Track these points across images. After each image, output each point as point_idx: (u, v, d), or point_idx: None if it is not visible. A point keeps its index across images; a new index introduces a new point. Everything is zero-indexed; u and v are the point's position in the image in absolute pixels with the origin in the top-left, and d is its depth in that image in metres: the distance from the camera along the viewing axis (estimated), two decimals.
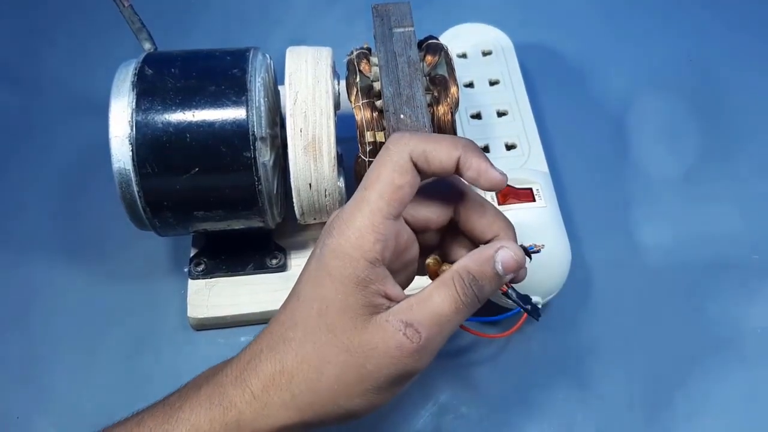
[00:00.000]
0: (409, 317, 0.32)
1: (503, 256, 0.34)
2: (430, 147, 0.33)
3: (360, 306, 0.32)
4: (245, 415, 0.33)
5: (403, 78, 0.42)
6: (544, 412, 0.45)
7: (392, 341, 0.32)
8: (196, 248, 0.50)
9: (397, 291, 0.34)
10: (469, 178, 0.34)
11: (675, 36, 0.66)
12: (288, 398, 0.33)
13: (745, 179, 0.56)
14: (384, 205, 0.33)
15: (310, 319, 0.33)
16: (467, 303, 0.33)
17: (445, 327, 0.33)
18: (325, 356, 0.32)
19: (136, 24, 0.46)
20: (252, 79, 0.43)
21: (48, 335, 0.48)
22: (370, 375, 0.32)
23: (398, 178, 0.33)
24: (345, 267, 0.32)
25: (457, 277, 0.33)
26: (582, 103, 0.61)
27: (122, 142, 0.41)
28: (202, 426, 0.33)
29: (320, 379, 0.32)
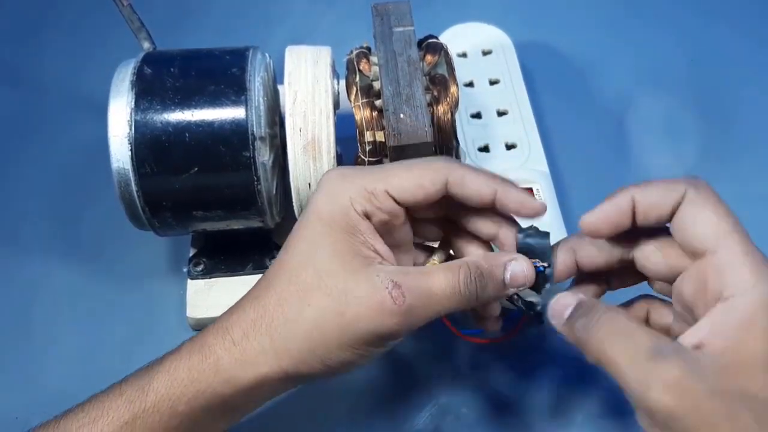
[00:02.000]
0: (400, 280, 0.32)
1: (515, 268, 0.33)
2: (469, 173, 0.34)
3: (349, 252, 0.32)
4: (224, 361, 0.33)
5: (402, 77, 0.42)
6: (544, 412, 0.44)
7: (375, 296, 0.31)
8: (195, 248, 0.50)
9: (386, 250, 0.34)
10: (511, 210, 0.34)
11: (675, 36, 0.66)
12: (266, 342, 0.32)
13: (746, 180, 0.56)
14: (396, 185, 0.33)
15: (297, 263, 0.33)
16: (464, 294, 0.32)
17: (432, 305, 0.32)
18: (307, 298, 0.32)
19: (135, 23, 0.46)
20: (251, 79, 0.43)
21: (47, 335, 0.48)
22: (348, 325, 0.32)
23: (426, 181, 0.33)
24: (335, 212, 0.33)
25: (465, 267, 0.33)
26: (582, 102, 0.61)
27: (121, 141, 0.41)
28: (181, 374, 0.33)
29: (298, 321, 0.32)
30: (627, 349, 0.28)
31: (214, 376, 0.33)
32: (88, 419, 0.33)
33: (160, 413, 0.33)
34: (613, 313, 0.31)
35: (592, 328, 0.30)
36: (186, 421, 0.33)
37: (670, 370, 0.27)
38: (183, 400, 0.33)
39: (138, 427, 0.32)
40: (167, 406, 0.33)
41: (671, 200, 0.31)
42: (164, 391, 0.33)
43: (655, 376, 0.27)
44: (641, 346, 0.28)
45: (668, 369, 0.27)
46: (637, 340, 0.28)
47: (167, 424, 0.33)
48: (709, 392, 0.27)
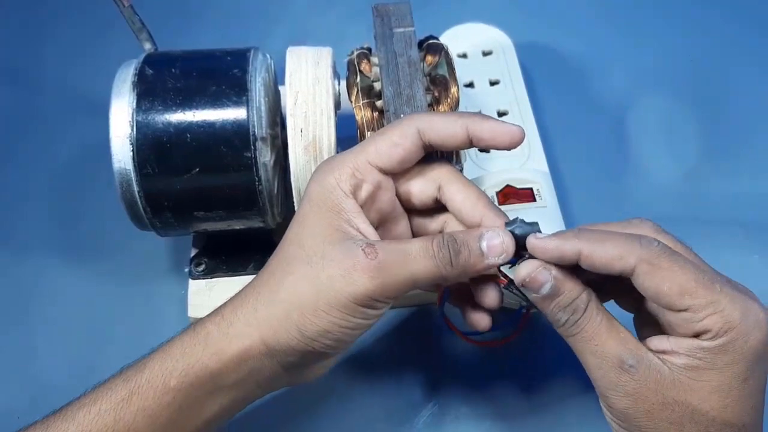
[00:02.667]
0: (374, 241, 0.33)
1: (491, 238, 0.33)
2: (436, 118, 0.35)
3: (331, 227, 0.34)
4: (212, 334, 0.34)
5: (403, 78, 0.42)
6: (544, 412, 0.45)
7: (349, 254, 0.32)
8: (196, 248, 0.50)
9: (370, 229, 0.34)
10: (486, 142, 0.35)
11: (676, 35, 0.66)
12: (251, 314, 0.34)
13: (746, 179, 0.56)
14: (373, 152, 0.35)
15: (287, 240, 0.35)
16: (437, 256, 0.33)
17: (407, 264, 0.33)
18: (290, 267, 0.34)
19: (137, 24, 0.46)
20: (252, 79, 0.43)
21: (48, 335, 0.48)
22: (322, 286, 0.32)
23: (397, 138, 0.35)
24: (322, 193, 0.34)
25: (439, 235, 0.34)
26: (583, 102, 0.61)
27: (123, 142, 0.41)
28: (174, 350, 0.34)
29: (279, 290, 0.34)
30: (596, 356, 0.32)
31: (203, 349, 0.34)
32: (89, 400, 0.34)
33: (153, 388, 0.33)
34: (589, 315, 0.32)
35: (572, 327, 0.33)
36: (178, 396, 0.34)
37: (629, 382, 0.31)
38: (174, 374, 0.33)
39: (133, 403, 0.33)
40: (160, 381, 0.33)
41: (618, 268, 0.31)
42: (158, 367, 0.34)
43: (616, 383, 0.31)
44: (608, 355, 0.32)
45: (628, 381, 0.31)
46: (605, 348, 0.32)
47: (160, 400, 0.33)
48: (662, 402, 0.31)
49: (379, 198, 0.35)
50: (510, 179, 0.48)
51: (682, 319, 0.31)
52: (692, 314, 0.30)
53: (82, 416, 0.33)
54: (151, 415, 0.33)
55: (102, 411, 0.33)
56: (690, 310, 0.31)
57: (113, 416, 0.33)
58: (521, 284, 0.33)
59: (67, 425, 0.33)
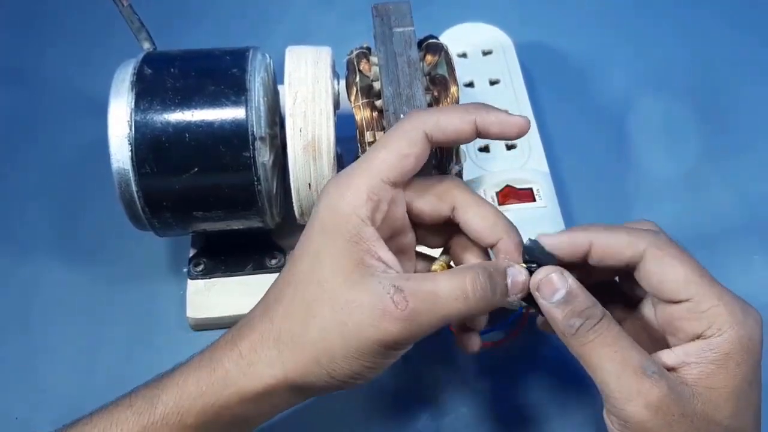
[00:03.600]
0: (402, 284, 0.31)
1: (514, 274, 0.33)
2: (443, 116, 0.34)
3: (352, 263, 0.32)
4: (231, 373, 0.33)
5: (403, 78, 0.42)
6: (544, 412, 0.44)
7: (377, 302, 0.31)
8: (195, 248, 0.50)
9: (391, 257, 0.33)
10: (495, 134, 0.34)
11: (676, 36, 0.66)
12: (274, 355, 0.33)
13: (746, 180, 0.56)
14: (385, 169, 0.33)
15: (303, 275, 0.33)
16: (474, 297, 0.32)
17: (438, 309, 0.32)
18: (312, 310, 0.32)
19: (135, 24, 0.46)
20: (251, 79, 0.43)
21: (47, 335, 0.48)
22: (351, 334, 0.31)
23: (405, 148, 0.33)
24: (337, 222, 0.32)
25: (471, 270, 0.32)
26: (583, 102, 0.61)
27: (121, 141, 0.41)
28: (189, 387, 0.33)
29: (304, 333, 0.32)
30: (616, 362, 0.30)
31: (223, 389, 0.33)
32: (96, 431, 0.33)
33: (168, 426, 0.33)
34: (607, 322, 0.31)
35: (587, 333, 0.31)
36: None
37: (652, 389, 0.30)
38: (192, 413, 0.33)
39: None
40: (176, 420, 0.33)
41: (628, 254, 0.32)
42: (173, 404, 0.33)
43: (637, 391, 0.30)
44: (630, 361, 0.30)
45: (651, 388, 0.30)
46: (626, 354, 0.30)
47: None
48: (682, 414, 0.30)
49: (393, 215, 0.34)
50: (510, 179, 0.48)
51: (685, 310, 0.31)
52: (695, 304, 0.30)
53: None
54: None
55: None
56: (693, 300, 0.30)
57: None
58: (535, 289, 0.33)
59: None
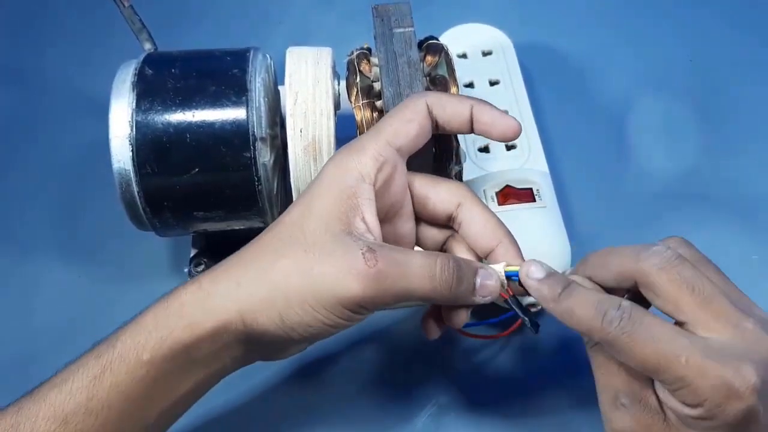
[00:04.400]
0: (376, 247, 0.32)
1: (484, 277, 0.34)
2: (445, 97, 0.36)
3: (338, 214, 0.33)
4: (187, 305, 0.33)
5: (403, 78, 0.42)
6: (544, 412, 0.45)
7: (347, 256, 0.32)
8: (196, 248, 0.50)
9: (375, 222, 0.33)
10: (483, 126, 0.36)
11: (676, 36, 0.66)
12: (232, 288, 0.33)
13: (746, 179, 0.56)
14: (391, 133, 0.35)
15: (289, 219, 0.34)
16: (438, 279, 0.32)
17: (404, 280, 0.32)
18: (284, 250, 0.33)
19: (137, 24, 0.46)
20: (252, 80, 0.43)
21: (47, 335, 0.48)
22: (313, 282, 0.32)
23: (410, 115, 0.35)
24: (338, 174, 0.34)
25: (443, 256, 0.33)
26: (582, 103, 0.61)
27: (122, 142, 0.41)
28: (145, 321, 0.33)
29: (268, 270, 0.33)
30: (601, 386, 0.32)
31: (177, 320, 0.33)
32: (60, 380, 0.33)
33: (126, 363, 0.32)
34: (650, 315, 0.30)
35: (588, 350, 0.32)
36: (152, 370, 0.33)
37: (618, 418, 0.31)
38: (147, 347, 0.33)
39: (106, 379, 0.32)
40: (133, 355, 0.33)
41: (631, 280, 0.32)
42: (130, 341, 0.33)
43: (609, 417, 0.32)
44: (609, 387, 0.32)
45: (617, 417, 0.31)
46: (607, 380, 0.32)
47: (134, 374, 0.32)
48: None
49: (394, 182, 0.35)
50: (510, 179, 0.48)
51: None
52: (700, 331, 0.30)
53: (54, 396, 0.32)
54: (125, 390, 0.32)
55: (74, 390, 0.32)
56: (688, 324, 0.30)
57: (86, 394, 0.32)
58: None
59: (38, 406, 0.32)
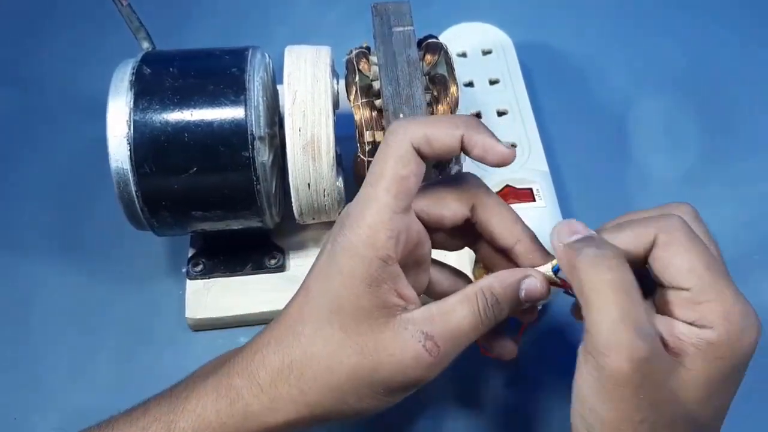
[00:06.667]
0: (430, 329, 0.32)
1: (529, 284, 0.34)
2: (430, 131, 0.33)
3: (374, 307, 0.32)
4: (253, 407, 0.33)
5: (402, 77, 0.42)
6: (545, 414, 0.44)
7: (410, 351, 0.32)
8: (194, 248, 0.50)
9: (410, 292, 0.33)
10: (476, 156, 0.33)
11: (675, 36, 0.65)
12: (296, 393, 0.33)
13: (746, 179, 0.56)
14: (392, 200, 0.32)
15: (322, 316, 0.33)
16: (485, 322, 0.33)
17: (462, 343, 0.33)
18: (337, 355, 0.32)
19: (135, 23, 0.46)
20: (251, 79, 0.43)
21: (45, 335, 0.48)
22: (382, 380, 0.32)
23: (402, 170, 0.32)
24: (357, 266, 0.32)
25: (481, 295, 0.33)
26: (582, 102, 0.61)
27: (120, 141, 0.41)
28: (209, 417, 0.33)
29: (330, 379, 0.32)
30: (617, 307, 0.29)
31: (243, 421, 0.33)
32: None
33: None
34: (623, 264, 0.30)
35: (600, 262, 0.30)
36: None
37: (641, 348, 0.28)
38: None
39: None
40: None
41: (641, 246, 0.31)
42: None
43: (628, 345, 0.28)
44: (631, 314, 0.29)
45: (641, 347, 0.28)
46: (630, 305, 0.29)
47: None
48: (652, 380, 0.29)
49: (410, 238, 0.34)
50: (510, 179, 0.48)
51: (682, 298, 0.30)
52: (693, 295, 0.30)
53: None
54: None
55: None
56: (692, 290, 0.30)
57: None
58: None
59: None
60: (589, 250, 0.30)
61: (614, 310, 0.29)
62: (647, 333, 0.29)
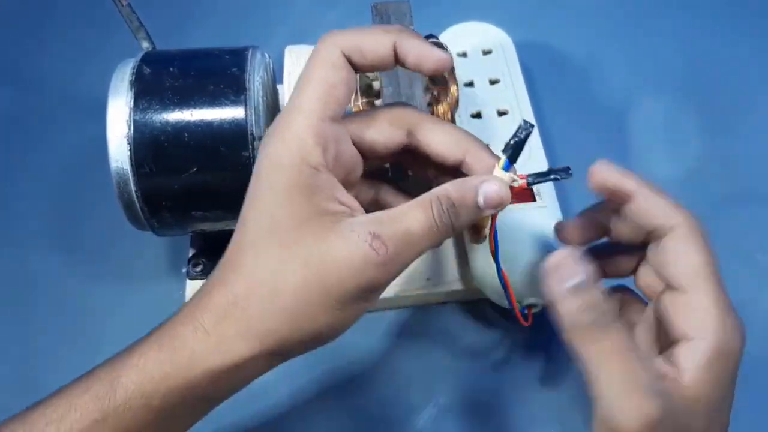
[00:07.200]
0: (377, 229, 0.30)
1: (486, 189, 0.32)
2: (361, 38, 0.31)
3: (314, 214, 0.30)
4: (198, 353, 0.31)
5: (402, 77, 0.42)
6: (545, 413, 0.44)
7: (357, 252, 0.30)
8: (194, 248, 0.50)
9: (352, 201, 0.32)
10: (411, 64, 0.32)
11: (676, 35, 0.65)
12: (243, 328, 0.31)
13: (746, 179, 0.56)
14: (320, 107, 0.31)
15: (260, 240, 0.31)
16: (441, 228, 0.31)
17: (414, 246, 0.31)
18: (281, 274, 0.31)
19: (135, 23, 0.46)
20: (251, 78, 0.43)
21: (46, 335, 0.48)
22: (332, 289, 0.30)
23: (331, 76, 0.31)
24: (287, 177, 0.31)
25: (435, 200, 0.32)
26: (583, 102, 0.61)
27: (120, 141, 0.41)
28: (151, 370, 0.31)
29: (276, 300, 0.31)
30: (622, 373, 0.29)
31: (189, 369, 0.31)
32: (56, 416, 0.31)
33: (132, 410, 0.31)
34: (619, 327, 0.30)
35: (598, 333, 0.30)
36: (162, 414, 0.31)
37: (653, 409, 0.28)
38: (157, 396, 0.31)
39: (109, 424, 0.31)
40: (140, 404, 0.31)
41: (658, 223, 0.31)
42: (135, 387, 0.31)
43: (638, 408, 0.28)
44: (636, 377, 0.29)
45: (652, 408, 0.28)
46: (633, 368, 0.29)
47: (142, 420, 0.31)
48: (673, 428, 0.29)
49: (342, 153, 0.33)
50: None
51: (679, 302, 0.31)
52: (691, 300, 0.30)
53: None
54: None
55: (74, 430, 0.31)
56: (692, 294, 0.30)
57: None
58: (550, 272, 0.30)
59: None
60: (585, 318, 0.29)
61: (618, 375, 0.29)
62: (655, 391, 0.29)
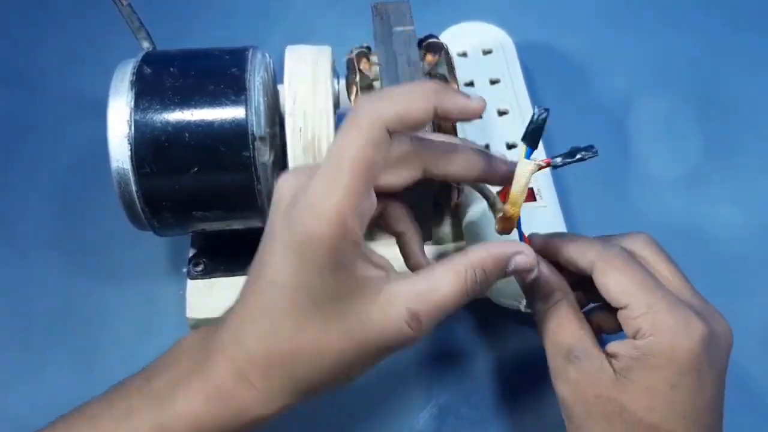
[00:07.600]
0: (415, 306, 0.32)
1: (519, 261, 0.34)
2: (403, 110, 0.31)
3: (354, 289, 0.32)
4: (246, 403, 0.33)
5: (403, 77, 0.42)
6: (545, 413, 0.44)
7: (394, 327, 0.32)
8: (194, 248, 0.50)
9: (382, 259, 0.34)
10: (454, 120, 0.35)
11: (677, 35, 0.65)
12: (288, 384, 0.33)
13: (747, 180, 0.56)
14: (361, 185, 0.30)
15: (301, 308, 0.32)
16: (470, 295, 0.33)
17: (444, 313, 0.33)
18: (325, 344, 0.32)
19: (135, 23, 0.46)
20: (251, 78, 0.43)
21: (46, 335, 0.48)
22: (370, 355, 0.33)
23: (375, 155, 0.30)
24: (327, 254, 0.30)
25: (471, 271, 0.33)
26: (583, 102, 0.61)
27: (121, 141, 0.41)
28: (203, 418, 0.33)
29: (322, 365, 0.33)
30: (553, 345, 0.36)
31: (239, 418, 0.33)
32: None
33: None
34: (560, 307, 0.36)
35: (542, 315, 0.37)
36: None
37: (571, 371, 0.35)
38: None
39: None
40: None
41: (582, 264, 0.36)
42: None
43: (562, 371, 0.35)
44: (562, 344, 0.36)
45: (571, 370, 0.35)
46: (562, 338, 0.36)
47: None
48: (596, 395, 0.34)
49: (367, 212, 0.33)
50: None
51: (622, 316, 0.34)
52: (629, 311, 0.34)
53: None
54: None
55: None
56: (629, 307, 0.34)
57: None
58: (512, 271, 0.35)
59: None
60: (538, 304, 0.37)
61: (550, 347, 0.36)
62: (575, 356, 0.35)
